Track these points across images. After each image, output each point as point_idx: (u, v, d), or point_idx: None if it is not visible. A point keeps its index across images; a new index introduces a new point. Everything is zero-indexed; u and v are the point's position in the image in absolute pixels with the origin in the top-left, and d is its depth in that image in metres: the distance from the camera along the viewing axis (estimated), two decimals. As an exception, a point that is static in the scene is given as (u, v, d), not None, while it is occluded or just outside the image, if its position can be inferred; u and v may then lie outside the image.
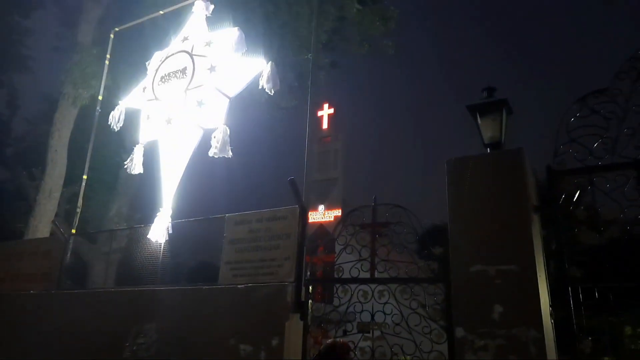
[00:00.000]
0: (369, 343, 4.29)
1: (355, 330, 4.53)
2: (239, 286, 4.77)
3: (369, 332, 4.37)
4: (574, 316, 3.59)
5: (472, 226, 3.86)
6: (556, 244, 3.82)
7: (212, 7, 6.33)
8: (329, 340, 3.22)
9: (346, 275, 4.58)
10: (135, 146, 6.13)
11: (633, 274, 3.51)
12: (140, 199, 13.87)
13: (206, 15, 6.24)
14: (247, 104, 10.64)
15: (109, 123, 6.42)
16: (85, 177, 7.25)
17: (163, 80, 6.05)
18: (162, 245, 5.58)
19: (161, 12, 7.45)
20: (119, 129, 6.42)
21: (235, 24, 5.87)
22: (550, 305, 3.66)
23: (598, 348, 3.89)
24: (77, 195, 7.35)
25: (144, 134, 6.07)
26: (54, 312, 6.18)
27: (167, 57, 6.20)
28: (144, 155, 6.08)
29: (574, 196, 3.90)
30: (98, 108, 7.58)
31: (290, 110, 12.52)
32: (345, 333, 4.53)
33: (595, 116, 3.92)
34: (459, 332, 3.64)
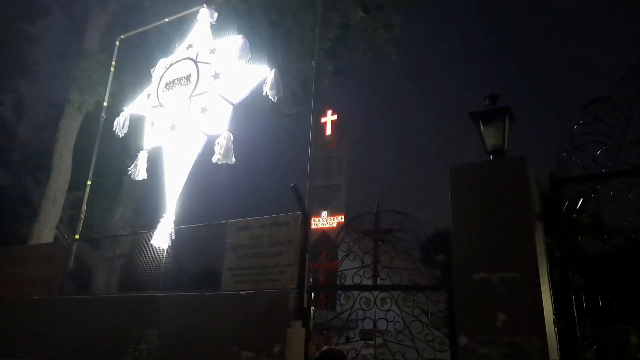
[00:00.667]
0: (371, 350, 4.28)
1: (357, 338, 4.51)
2: (241, 292, 4.77)
3: (371, 340, 4.35)
4: (578, 324, 3.56)
5: (475, 233, 3.85)
6: (559, 251, 3.80)
7: (216, 14, 6.40)
8: (324, 347, 3.21)
9: (349, 282, 4.57)
10: (139, 152, 6.17)
11: (637, 282, 3.49)
12: (144, 204, 13.92)
13: (211, 22, 6.30)
14: (250, 111, 10.68)
15: (114, 129, 6.48)
16: (89, 182, 7.29)
17: (167, 87, 6.10)
18: (165, 251, 5.59)
19: (166, 20, 7.52)
20: (123, 135, 6.47)
21: (240, 31, 5.93)
22: (553, 313, 3.64)
23: (602, 357, 3.86)
24: (81, 200, 7.39)
25: (148, 140, 6.11)
26: (56, 317, 6.19)
27: (171, 64, 6.26)
28: (148, 161, 6.11)
29: (578, 204, 3.89)
30: (103, 114, 7.64)
31: (293, 117, 12.55)
32: (347, 340, 4.51)
33: (598, 124, 3.91)
34: (462, 340, 3.62)
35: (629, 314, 3.86)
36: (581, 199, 3.89)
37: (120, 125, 6.43)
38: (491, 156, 4.19)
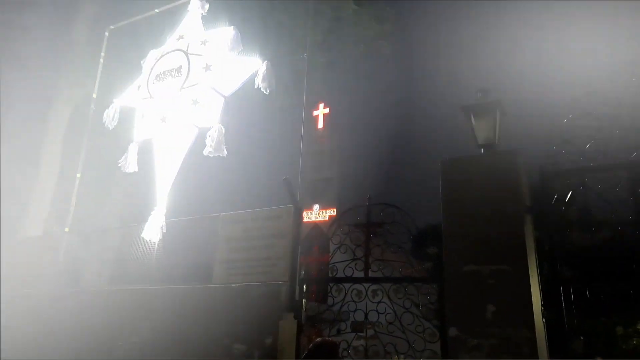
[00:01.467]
0: (362, 342, 4.31)
1: (349, 330, 4.54)
2: (233, 285, 4.77)
3: (362, 331, 4.38)
4: (566, 316, 3.62)
5: (465, 226, 3.88)
6: (548, 244, 3.85)
7: (207, 5, 6.32)
8: (318, 339, 3.25)
9: (340, 275, 4.59)
10: (129, 144, 6.10)
11: (624, 274, 3.54)
12: (134, 197, 13.79)
13: (202, 13, 6.23)
14: (242, 103, 10.61)
15: (104, 121, 6.39)
16: (79, 175, 7.22)
17: (158, 78, 6.03)
18: (156, 244, 5.56)
19: (157, 11, 7.43)
20: (113, 127, 6.39)
21: (231, 23, 5.86)
22: (542, 306, 3.69)
23: (590, 348, 3.92)
24: (70, 193, 7.32)
25: (139, 133, 6.05)
26: (46, 311, 6.14)
27: (162, 56, 6.19)
28: (138, 154, 6.05)
29: (567, 197, 3.93)
30: (92, 106, 7.54)
31: (285, 110, 12.49)
32: (339, 332, 4.54)
33: (587, 118, 3.95)
34: (452, 331, 3.66)
35: (615, 305, 3.92)
36: (570, 193, 3.93)
37: (110, 117, 6.35)
38: (482, 149, 4.22)
